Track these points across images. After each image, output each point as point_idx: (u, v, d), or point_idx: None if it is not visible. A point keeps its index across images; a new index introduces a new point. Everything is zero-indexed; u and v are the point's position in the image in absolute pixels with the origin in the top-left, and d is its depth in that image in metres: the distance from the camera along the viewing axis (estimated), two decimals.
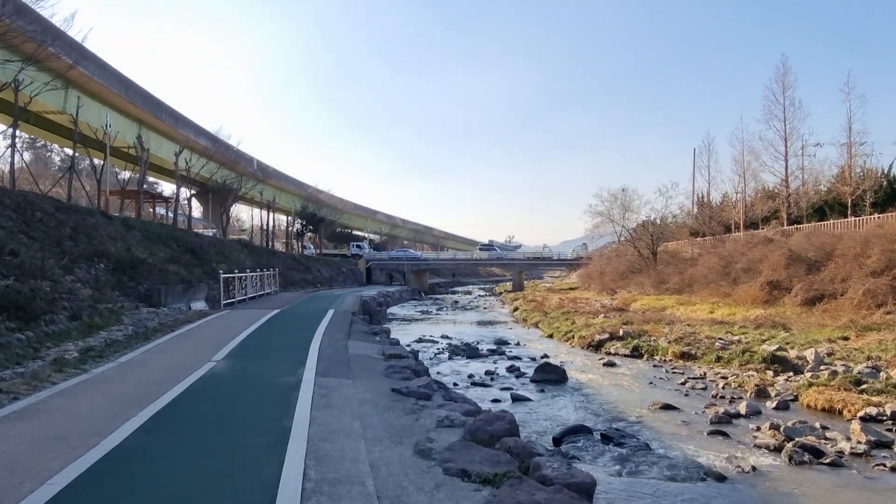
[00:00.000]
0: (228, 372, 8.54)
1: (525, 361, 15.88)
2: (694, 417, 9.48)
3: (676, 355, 15.99)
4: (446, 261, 72.41)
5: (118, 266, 19.17)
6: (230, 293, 18.08)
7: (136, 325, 12.89)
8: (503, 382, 12.59)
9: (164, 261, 25.93)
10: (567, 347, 19.56)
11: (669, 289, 33.88)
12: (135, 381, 7.74)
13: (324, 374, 8.43)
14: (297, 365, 9.00)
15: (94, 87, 34.24)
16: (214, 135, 46.58)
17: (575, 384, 12.39)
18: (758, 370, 13.48)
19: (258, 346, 11.02)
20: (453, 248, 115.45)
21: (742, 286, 27.44)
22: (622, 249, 45.38)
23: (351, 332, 13.71)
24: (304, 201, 62.85)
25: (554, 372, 12.63)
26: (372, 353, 11.07)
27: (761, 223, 39.41)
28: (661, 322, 22.78)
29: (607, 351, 17.85)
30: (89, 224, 23.83)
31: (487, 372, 13.73)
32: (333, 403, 6.68)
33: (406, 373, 9.11)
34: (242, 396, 7.07)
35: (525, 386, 12.21)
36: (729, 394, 11.16)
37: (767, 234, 32.94)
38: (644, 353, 16.93)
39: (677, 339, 17.63)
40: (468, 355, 16.88)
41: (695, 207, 49.42)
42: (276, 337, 12.24)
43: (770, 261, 26.86)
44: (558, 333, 22.59)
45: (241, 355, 9.93)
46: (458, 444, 5.27)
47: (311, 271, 49.41)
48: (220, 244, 39.40)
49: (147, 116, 40.35)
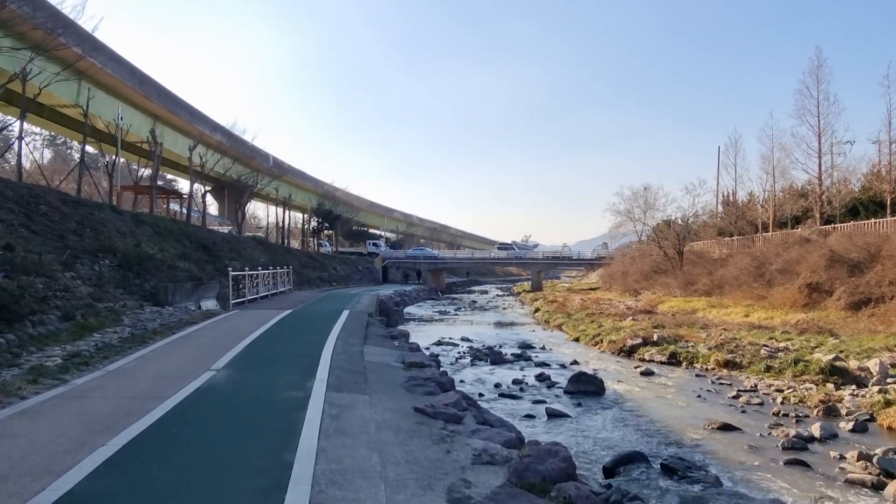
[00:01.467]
0: (227, 384, 7.46)
1: (555, 369, 14.67)
2: (761, 441, 8.22)
3: (719, 364, 14.68)
4: (464, 260, 71.17)
5: (124, 262, 18.24)
6: (240, 292, 17.06)
7: (135, 327, 11.89)
8: (534, 393, 11.40)
9: (175, 257, 25.05)
10: (596, 353, 18.30)
11: (698, 290, 32.44)
12: (117, 396, 6.68)
13: (336, 387, 7.32)
14: (307, 376, 7.91)
15: (108, 80, 33.54)
16: (230, 130, 45.81)
17: (614, 397, 11.16)
18: (815, 382, 12.16)
19: (265, 351, 9.94)
20: (469, 246, 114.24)
21: (778, 288, 25.99)
22: (646, 249, 43.88)
23: (367, 335, 12.60)
24: (321, 199, 62.03)
25: (590, 383, 11.41)
26: (390, 361, 9.95)
27: (791, 223, 37.98)
28: (695, 326, 21.43)
29: (641, 357, 16.58)
30: (97, 219, 23.00)
31: (515, 381, 12.55)
32: (346, 428, 5.56)
33: (430, 386, 7.97)
34: (239, 418, 5.96)
35: (559, 399, 11.00)
36: (792, 411, 9.87)
37: (803, 234, 31.36)
38: (682, 360, 15.63)
39: (718, 346, 16.31)
40: (492, 360, 15.69)
41: (718, 206, 47.83)
42: (285, 341, 11.16)
43: (809, 262, 25.38)
44: (585, 337, 21.34)
45: (244, 363, 8.85)
46: (502, 493, 4.11)
47: (327, 269, 48.51)
48: (234, 241, 38.60)
49: (162, 111, 39.65)
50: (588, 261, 62.72)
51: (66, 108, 31.14)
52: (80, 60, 26.34)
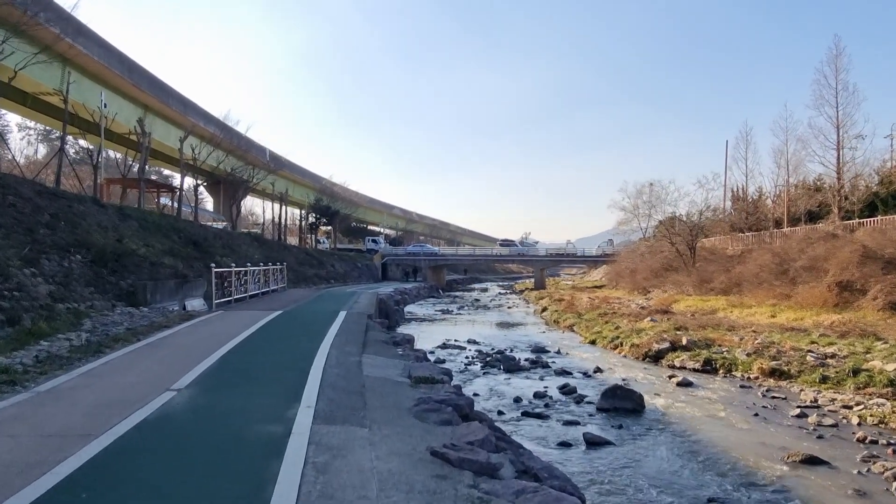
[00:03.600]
0: (185, 413, 5.77)
1: (578, 378, 12.99)
2: (862, 481, 6.55)
3: (764, 372, 13.00)
4: (466, 256, 69.43)
5: (98, 258, 16.52)
6: (225, 290, 15.38)
7: (95, 332, 10.20)
8: (562, 411, 9.72)
9: (161, 253, 23.35)
10: (617, 358, 16.64)
11: (715, 289, 30.78)
12: (29, 434, 4.99)
13: (327, 416, 5.64)
14: (291, 399, 6.23)
15: (94, 67, 31.85)
16: (223, 122, 44.08)
17: (656, 415, 9.48)
18: (885, 396, 10.50)
19: (244, 363, 8.24)
20: (469, 243, 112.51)
21: (803, 287, 24.33)
22: (657, 245, 42.21)
23: (366, 341, 10.90)
24: (319, 194, 60.33)
25: (627, 398, 9.71)
26: (394, 375, 8.26)
27: (804, 219, 36.61)
28: (721, 328, 19.75)
29: (670, 364, 14.92)
30: (76, 211, 21.29)
31: (538, 394, 10.86)
32: (336, 491, 3.87)
33: (445, 412, 6.29)
34: (189, 468, 4.28)
35: (593, 418, 9.32)
36: (878, 436, 8.20)
37: (828, 229, 29.72)
38: (719, 367, 13.96)
39: (756, 351, 14.62)
40: (506, 368, 14.01)
41: (725, 202, 46.21)
42: (270, 350, 9.45)
43: (838, 258, 23.69)
44: (602, 340, 19.68)
45: (215, 380, 7.16)
46: None
47: (325, 266, 46.83)
48: (227, 237, 36.89)
49: (153, 101, 37.92)
50: (593, 258, 61.04)
51: (49, 95, 29.36)
52: (58, 42, 24.61)
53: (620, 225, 64.93)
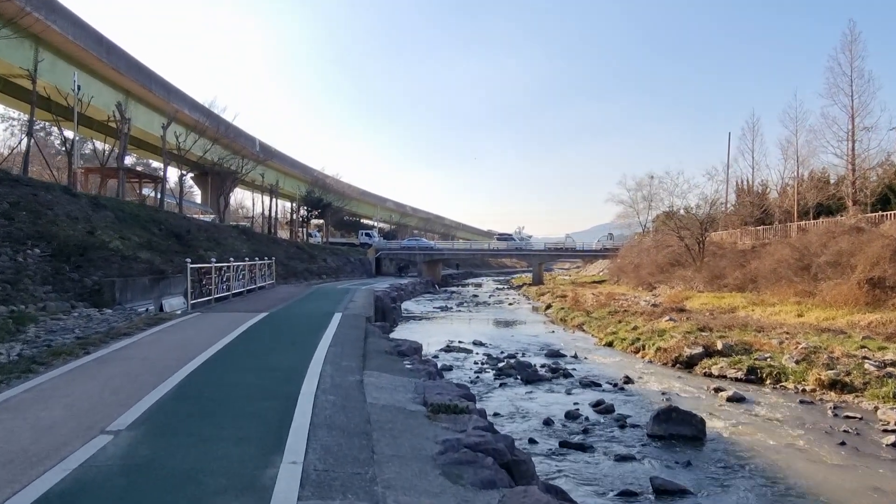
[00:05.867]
0: (116, 476, 3.97)
1: (608, 391, 11.27)
2: None
3: (822, 384, 11.31)
4: (462, 251, 67.63)
5: (60, 251, 14.62)
6: (204, 289, 13.50)
7: (37, 342, 8.35)
8: (606, 438, 7.97)
9: (137, 246, 21.44)
10: (643, 364, 14.94)
11: (728, 285, 29.18)
12: None
13: (321, 480, 3.87)
14: (270, 446, 4.46)
15: (68, 47, 29.81)
16: (209, 109, 41.99)
17: (723, 445, 7.74)
18: None
19: (211, 388, 6.41)
20: (463, 237, 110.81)
21: (827, 283, 22.72)
22: (663, 239, 40.55)
23: (366, 352, 9.09)
24: (310, 186, 58.36)
25: (685, 423, 7.93)
26: (405, 401, 6.47)
27: (813, 212, 35.32)
28: (748, 328, 18.09)
29: (707, 372, 13.22)
30: (42, 201, 19.37)
31: (569, 415, 9.10)
32: None
33: (484, 465, 4.53)
34: None
35: (648, 449, 7.56)
36: None
37: (849, 223, 28.18)
38: (765, 377, 12.28)
39: (806, 358, 12.93)
40: (524, 378, 12.26)
41: (728, 195, 44.70)
42: (247, 367, 7.60)
43: (867, 253, 22.08)
44: (621, 342, 18.00)
45: (169, 416, 5.34)
46: None
47: (317, 261, 44.93)
48: (213, 230, 34.93)
49: (134, 86, 35.83)
50: (594, 252, 59.47)
51: (20, 78, 27.27)
52: (23, 16, 22.55)
53: (620, 218, 63.57)
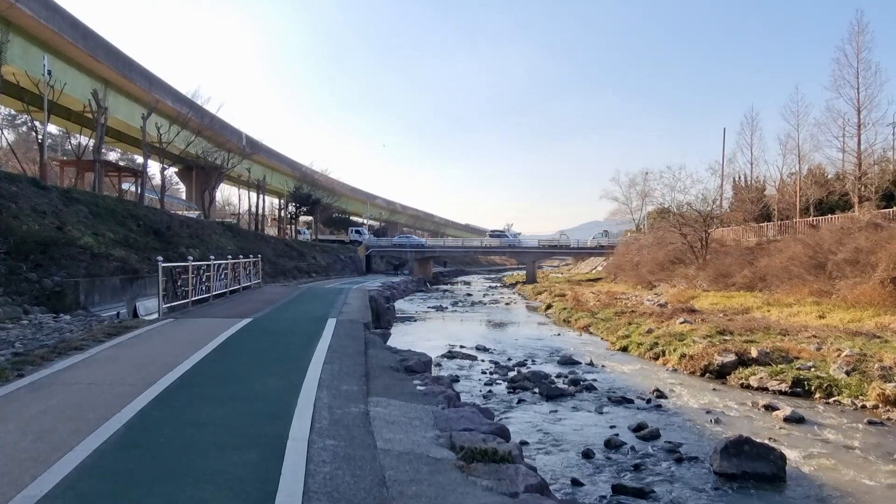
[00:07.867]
0: None
1: (643, 408, 9.88)
2: None
3: (887, 400, 9.98)
4: (454, 248, 66.21)
5: (16, 249, 13.01)
6: (179, 291, 11.96)
7: None
8: (664, 477, 6.56)
9: (111, 243, 19.81)
10: (667, 373, 13.56)
11: (736, 283, 27.95)
12: None
13: None
14: None
15: (40, 31, 28.06)
16: (192, 100, 40.18)
17: (809, 488, 6.35)
18: None
19: (169, 433, 4.81)
20: (453, 235, 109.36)
21: (846, 282, 21.50)
22: (663, 237, 39.34)
23: (369, 369, 7.61)
24: (298, 182, 56.69)
25: (761, 458, 6.52)
26: (426, 443, 5.01)
27: (813, 209, 34.51)
28: (771, 331, 16.75)
29: (743, 383, 11.87)
30: (3, 192, 17.74)
31: (610, 444, 7.67)
32: None
33: None
34: None
35: (718, 491, 6.15)
36: None
37: (864, 218, 27.09)
38: (814, 390, 10.94)
39: (855, 368, 11.61)
40: (542, 391, 10.83)
41: (722, 192, 43.67)
42: (221, 397, 5.91)
43: (889, 251, 20.90)
44: (637, 347, 16.61)
45: (101, 484, 3.81)
46: None
47: (306, 259, 43.36)
48: (196, 226, 33.23)
49: (112, 74, 33.99)
50: (588, 250, 58.25)
51: None
52: None
53: (613, 215, 62.42)
